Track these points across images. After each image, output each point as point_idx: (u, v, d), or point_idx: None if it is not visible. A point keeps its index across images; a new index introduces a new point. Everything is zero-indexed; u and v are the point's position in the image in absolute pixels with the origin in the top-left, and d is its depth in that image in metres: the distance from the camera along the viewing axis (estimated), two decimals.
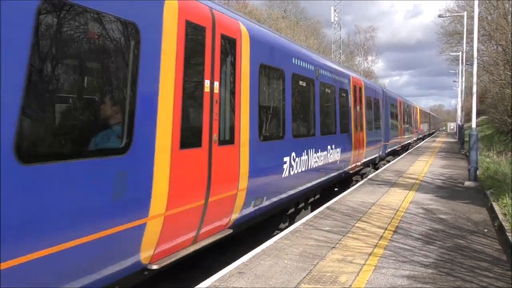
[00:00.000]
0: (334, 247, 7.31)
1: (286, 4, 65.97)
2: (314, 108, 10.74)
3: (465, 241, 7.80)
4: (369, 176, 16.94)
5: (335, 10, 66.10)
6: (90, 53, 4.25)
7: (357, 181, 15.82)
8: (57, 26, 3.80)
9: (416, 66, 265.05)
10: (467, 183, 14.76)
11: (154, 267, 5.13)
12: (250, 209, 7.54)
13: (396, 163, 22.20)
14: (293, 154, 9.16)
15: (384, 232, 8.30)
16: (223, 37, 6.45)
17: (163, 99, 5.03)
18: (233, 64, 6.79)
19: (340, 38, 69.03)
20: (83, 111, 4.26)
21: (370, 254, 6.95)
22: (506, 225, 8.52)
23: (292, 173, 9.11)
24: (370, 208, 10.57)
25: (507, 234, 7.94)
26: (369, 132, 17.56)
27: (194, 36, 5.74)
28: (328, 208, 10.61)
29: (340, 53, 68.55)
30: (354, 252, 7.03)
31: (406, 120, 32.71)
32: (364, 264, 6.48)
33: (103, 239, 4.19)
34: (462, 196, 12.59)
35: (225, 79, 6.56)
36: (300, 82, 9.83)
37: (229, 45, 6.66)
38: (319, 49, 54.78)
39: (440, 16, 37.43)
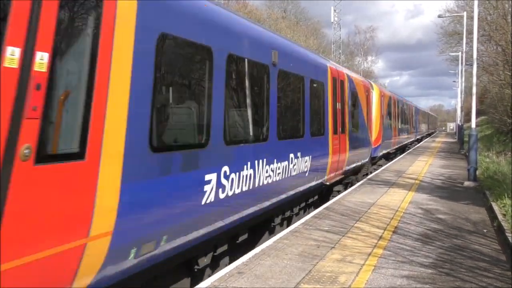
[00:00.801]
0: (333, 247, 7.32)
1: (286, 4, 65.99)
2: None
3: (464, 241, 7.80)
4: (369, 176, 16.94)
5: (335, 10, 66.14)
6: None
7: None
8: None
9: (416, 66, 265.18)
10: (466, 183, 14.77)
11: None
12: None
13: (396, 163, 22.21)
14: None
15: (383, 233, 8.31)
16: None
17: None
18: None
19: (340, 38, 69.10)
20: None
21: (369, 254, 6.96)
22: (505, 225, 8.54)
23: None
24: (369, 208, 10.58)
25: (507, 234, 7.95)
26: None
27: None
28: (327, 208, 10.62)
29: (340, 53, 68.59)
30: (353, 252, 7.04)
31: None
32: (363, 264, 6.49)
33: None
34: (461, 196, 12.60)
35: None
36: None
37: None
38: (318, 49, 54.77)
39: (439, 16, 37.43)
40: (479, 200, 11.97)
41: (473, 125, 16.85)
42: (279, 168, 8.35)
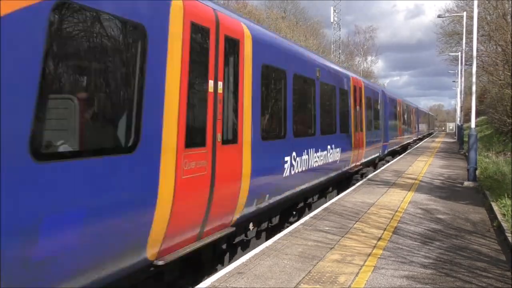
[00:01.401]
0: (333, 248, 7.32)
1: (285, 4, 65.97)
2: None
3: (464, 242, 7.80)
4: (368, 176, 16.95)
5: (334, 10, 66.16)
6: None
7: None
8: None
9: (416, 66, 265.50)
10: (466, 183, 14.77)
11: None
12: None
13: (396, 163, 22.21)
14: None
15: (383, 233, 8.30)
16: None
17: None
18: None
19: (340, 38, 69.13)
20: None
21: (369, 255, 6.96)
22: (505, 225, 8.54)
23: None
24: (369, 209, 10.58)
25: (506, 234, 7.95)
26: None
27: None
28: (326, 209, 10.62)
29: (339, 53, 68.61)
30: (353, 253, 7.04)
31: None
32: (363, 265, 6.48)
33: None
34: (461, 196, 12.60)
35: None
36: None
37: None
38: (318, 49, 54.79)
39: (439, 16, 37.40)
40: (479, 200, 11.97)
41: (473, 125, 16.85)
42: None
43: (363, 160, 16.88)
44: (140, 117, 4.70)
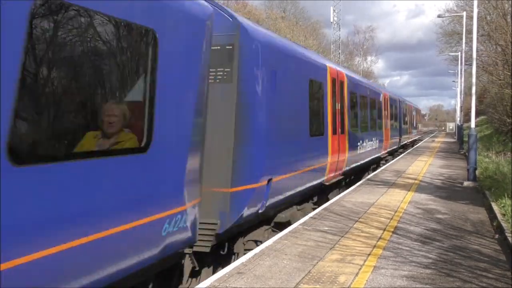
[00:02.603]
0: (333, 248, 7.32)
1: (285, 4, 65.98)
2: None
3: (464, 242, 7.80)
4: (368, 177, 16.96)
5: (334, 10, 66.16)
6: None
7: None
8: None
9: (416, 66, 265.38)
10: (466, 183, 14.77)
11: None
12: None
13: (396, 163, 22.21)
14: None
15: (383, 233, 8.30)
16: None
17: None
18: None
19: (339, 38, 69.13)
20: None
21: (369, 255, 6.96)
22: (505, 225, 8.53)
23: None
24: (368, 209, 10.57)
25: (506, 234, 7.95)
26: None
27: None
28: (326, 209, 10.61)
29: (339, 53, 68.62)
30: (353, 253, 7.04)
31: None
32: (363, 265, 6.48)
33: None
34: (461, 196, 12.60)
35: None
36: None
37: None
38: (318, 50, 54.79)
39: (439, 16, 37.40)
40: (479, 200, 11.97)
41: (473, 125, 16.85)
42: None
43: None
44: None
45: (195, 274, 6.82)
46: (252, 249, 7.43)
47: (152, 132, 4.58)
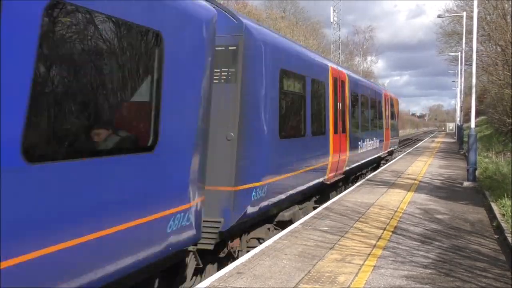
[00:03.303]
0: (332, 248, 7.32)
1: (285, 4, 65.95)
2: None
3: (463, 242, 7.81)
4: (368, 177, 16.97)
5: (334, 10, 66.13)
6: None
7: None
8: None
9: (416, 66, 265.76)
10: (465, 184, 14.77)
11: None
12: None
13: (395, 164, 22.21)
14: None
15: (382, 233, 8.30)
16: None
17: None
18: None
19: (339, 38, 69.11)
20: None
21: (369, 255, 6.96)
22: (504, 225, 8.54)
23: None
24: (368, 209, 10.58)
25: (506, 234, 7.95)
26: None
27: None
28: (326, 208, 10.62)
29: (339, 53, 68.60)
30: (352, 253, 7.04)
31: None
32: (362, 265, 6.48)
33: None
34: (460, 196, 12.60)
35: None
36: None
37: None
38: (318, 49, 54.78)
39: (439, 16, 37.39)
40: (479, 200, 11.97)
41: (473, 125, 16.85)
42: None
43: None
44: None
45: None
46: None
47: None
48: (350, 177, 15.67)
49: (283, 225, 9.08)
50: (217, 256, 7.38)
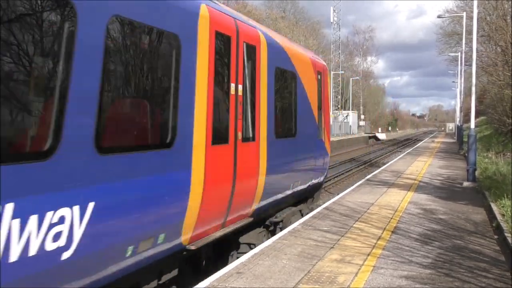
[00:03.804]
0: (332, 248, 7.31)
1: (285, 4, 65.99)
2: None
3: (463, 242, 7.80)
4: (368, 177, 16.96)
5: (334, 10, 66.17)
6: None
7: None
8: None
9: (417, 66, 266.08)
10: (465, 184, 14.77)
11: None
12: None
13: (395, 164, 22.22)
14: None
15: (382, 233, 8.30)
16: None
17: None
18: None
19: (339, 38, 69.13)
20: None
21: (368, 255, 6.96)
22: (504, 225, 8.54)
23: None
24: (368, 209, 10.57)
25: (506, 234, 7.95)
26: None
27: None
28: (326, 208, 10.62)
29: (339, 53, 68.62)
30: (352, 253, 7.03)
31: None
32: (362, 265, 6.48)
33: None
34: (460, 196, 12.60)
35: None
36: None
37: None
38: (318, 50, 54.78)
39: (439, 16, 37.39)
40: (478, 201, 11.97)
41: (472, 125, 16.85)
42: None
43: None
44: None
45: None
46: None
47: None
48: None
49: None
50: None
